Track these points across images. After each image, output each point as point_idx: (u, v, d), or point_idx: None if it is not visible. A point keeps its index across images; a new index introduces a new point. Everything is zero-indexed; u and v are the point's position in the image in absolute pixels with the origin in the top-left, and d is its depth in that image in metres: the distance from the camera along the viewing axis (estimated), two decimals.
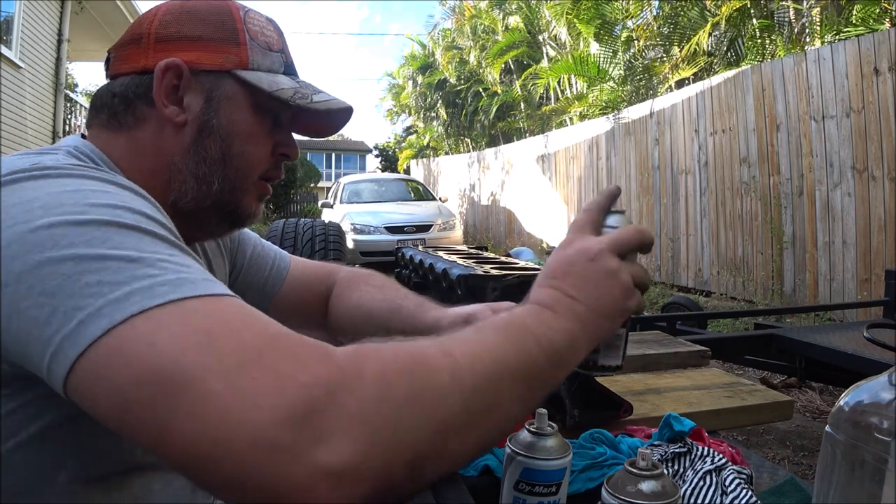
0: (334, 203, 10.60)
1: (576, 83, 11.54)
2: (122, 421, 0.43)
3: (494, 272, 1.32)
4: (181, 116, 0.69)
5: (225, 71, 0.70)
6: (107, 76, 0.73)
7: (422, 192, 11.29)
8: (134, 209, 0.52)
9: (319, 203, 12.56)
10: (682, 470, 0.74)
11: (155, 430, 0.41)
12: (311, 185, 22.38)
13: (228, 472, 0.40)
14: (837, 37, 6.03)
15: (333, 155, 37.40)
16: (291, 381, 0.41)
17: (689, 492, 0.69)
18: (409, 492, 0.46)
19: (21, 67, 7.68)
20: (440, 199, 11.48)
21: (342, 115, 0.78)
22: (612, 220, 0.65)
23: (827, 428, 0.52)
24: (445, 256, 1.67)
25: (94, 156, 0.66)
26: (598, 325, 0.59)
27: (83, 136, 0.71)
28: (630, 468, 0.54)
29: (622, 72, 9.54)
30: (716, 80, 6.60)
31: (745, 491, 0.67)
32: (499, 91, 14.68)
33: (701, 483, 0.70)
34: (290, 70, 0.75)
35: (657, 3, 9.02)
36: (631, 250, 0.63)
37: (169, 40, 0.69)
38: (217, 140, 0.70)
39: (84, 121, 10.69)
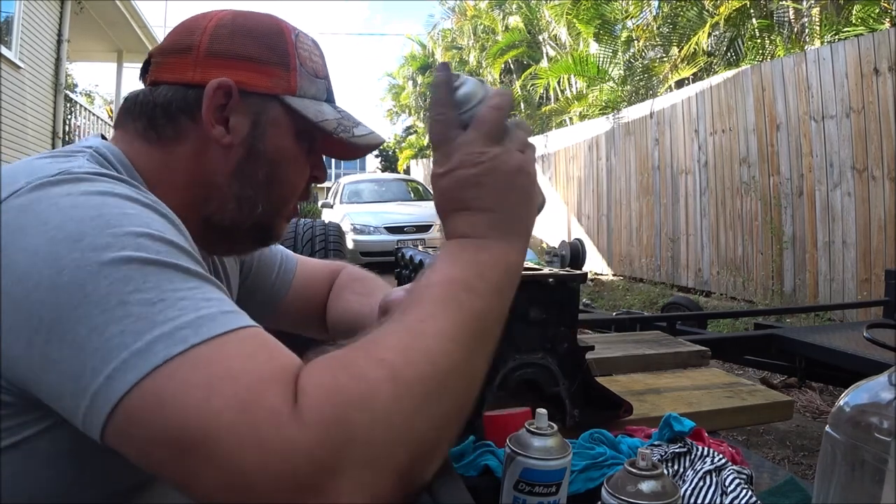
0: (334, 203, 10.59)
1: (575, 83, 11.54)
2: (154, 471, 0.46)
3: None
4: (227, 138, 0.68)
5: (272, 95, 0.69)
6: (143, 79, 0.71)
7: (422, 192, 11.29)
8: (155, 236, 0.52)
9: (319, 203, 12.55)
10: (682, 470, 0.74)
11: (181, 483, 0.44)
12: (311, 185, 22.27)
13: None
14: (837, 37, 6.03)
15: None
16: (270, 447, 0.42)
17: (689, 492, 0.69)
18: (417, 484, 0.47)
19: (21, 67, 7.68)
20: None
21: (374, 145, 0.79)
22: (463, 93, 0.57)
23: (827, 428, 0.52)
24: None
25: (116, 162, 0.65)
26: (521, 218, 0.57)
27: (103, 136, 0.70)
28: (630, 468, 0.55)
29: (622, 72, 9.54)
30: (716, 80, 6.61)
31: (745, 491, 0.67)
32: None
33: (701, 483, 0.70)
34: (331, 97, 0.76)
35: (657, 3, 9.02)
36: (503, 122, 0.57)
37: (220, 56, 0.67)
38: (263, 165, 0.70)
39: (84, 121, 10.74)
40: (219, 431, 0.43)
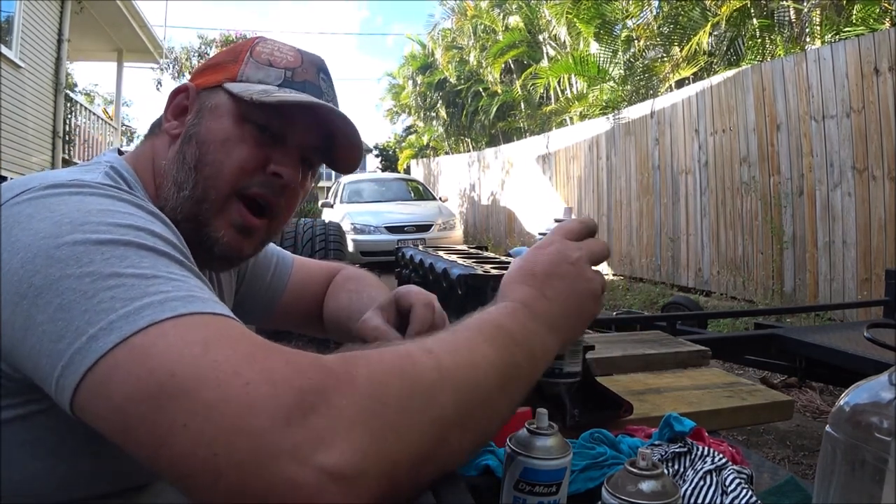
0: (334, 203, 10.60)
1: (576, 83, 11.53)
2: (123, 436, 0.43)
3: (494, 272, 1.32)
4: (177, 129, 0.74)
5: (218, 86, 0.74)
6: None
7: (422, 192, 11.29)
8: (155, 232, 0.55)
9: (319, 203, 12.56)
10: (682, 470, 0.74)
11: (153, 444, 0.42)
12: (312, 184, 22.31)
13: (229, 482, 0.39)
14: (837, 36, 6.03)
15: None
16: (286, 386, 0.41)
17: (689, 492, 0.69)
18: (414, 491, 0.46)
19: (21, 67, 7.68)
20: (440, 198, 11.48)
21: (349, 142, 0.78)
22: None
23: (827, 428, 0.52)
24: (445, 256, 1.67)
25: (128, 175, 0.70)
26: (570, 329, 0.62)
27: (118, 150, 0.76)
28: (630, 468, 0.55)
29: (622, 71, 9.53)
30: (716, 79, 6.60)
31: (745, 491, 0.67)
32: (499, 91, 14.66)
33: (701, 483, 0.70)
34: (291, 86, 0.73)
35: (657, 2, 9.01)
36: (600, 261, 0.66)
37: (199, 71, 0.78)
38: (194, 146, 0.71)
39: (84, 120, 10.77)
40: (218, 378, 0.41)
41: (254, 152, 0.72)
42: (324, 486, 0.39)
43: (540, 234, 0.70)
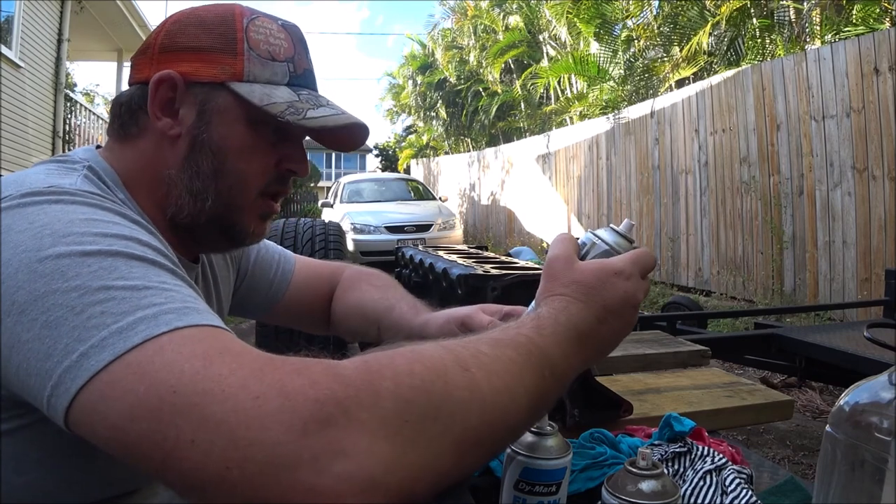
0: (334, 203, 10.59)
1: (576, 83, 11.54)
2: (124, 452, 0.42)
3: (494, 272, 1.32)
4: (175, 129, 0.67)
5: (219, 83, 0.67)
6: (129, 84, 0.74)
7: (422, 192, 11.29)
8: (142, 241, 0.53)
9: (319, 203, 12.56)
10: (682, 470, 0.74)
11: (158, 460, 0.40)
12: (311, 184, 22.40)
13: (245, 493, 0.38)
14: (837, 36, 6.03)
15: (333, 154, 37.32)
16: (299, 398, 0.40)
17: (689, 491, 0.69)
18: (428, 501, 0.46)
19: (21, 67, 7.67)
20: (440, 198, 11.48)
21: (355, 129, 0.74)
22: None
23: (827, 427, 0.52)
24: (445, 256, 1.67)
25: (107, 178, 0.66)
26: (594, 360, 0.61)
27: (98, 146, 0.72)
28: (630, 468, 0.55)
29: (622, 71, 9.54)
30: (716, 79, 6.60)
31: (745, 491, 0.67)
32: (499, 91, 14.67)
33: (701, 483, 0.70)
34: (297, 80, 0.71)
35: (657, 2, 9.02)
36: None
37: (170, 51, 0.68)
38: (209, 155, 0.68)
39: (84, 120, 10.77)
40: (224, 392, 0.39)
41: (270, 156, 0.71)
42: (343, 492, 0.38)
43: (604, 242, 0.64)
